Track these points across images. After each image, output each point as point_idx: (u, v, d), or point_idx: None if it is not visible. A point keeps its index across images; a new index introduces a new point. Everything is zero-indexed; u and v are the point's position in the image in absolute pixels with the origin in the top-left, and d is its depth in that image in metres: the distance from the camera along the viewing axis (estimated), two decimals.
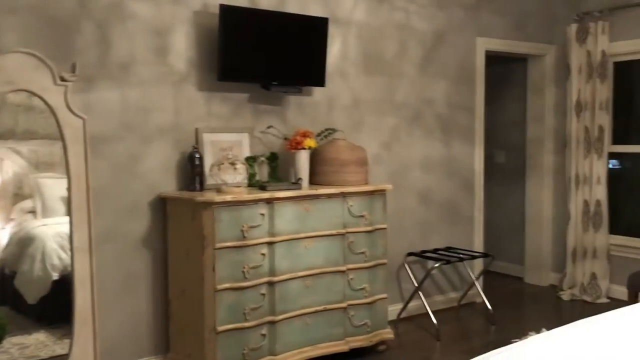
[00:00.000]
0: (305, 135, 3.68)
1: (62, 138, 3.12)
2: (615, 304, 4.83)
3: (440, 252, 4.58)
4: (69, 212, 3.14)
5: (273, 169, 3.78)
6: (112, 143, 3.31)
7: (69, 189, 3.13)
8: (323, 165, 3.76)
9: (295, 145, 3.65)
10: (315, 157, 3.78)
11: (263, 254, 3.32)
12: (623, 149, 5.07)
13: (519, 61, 5.65)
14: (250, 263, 3.27)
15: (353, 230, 3.65)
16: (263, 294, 3.33)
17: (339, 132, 3.93)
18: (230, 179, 3.43)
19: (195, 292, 3.23)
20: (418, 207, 4.60)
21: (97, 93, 3.26)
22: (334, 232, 3.56)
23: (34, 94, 3.05)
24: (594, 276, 5.02)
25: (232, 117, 3.71)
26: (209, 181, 3.53)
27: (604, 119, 4.93)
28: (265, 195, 3.31)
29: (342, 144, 3.80)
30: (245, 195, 3.25)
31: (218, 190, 3.37)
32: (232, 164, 3.41)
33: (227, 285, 3.19)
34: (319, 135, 3.86)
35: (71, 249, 3.15)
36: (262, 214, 3.31)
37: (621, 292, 4.94)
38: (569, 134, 5.17)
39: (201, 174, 3.46)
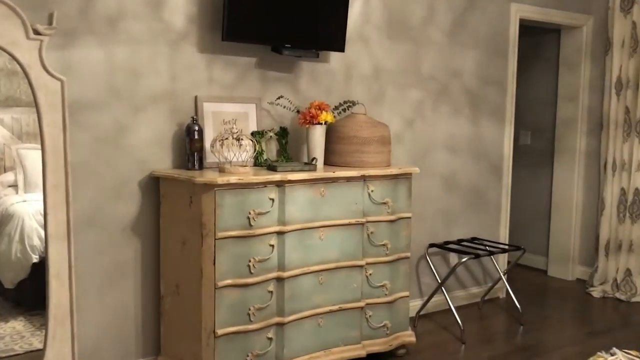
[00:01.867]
0: (321, 108, 3.18)
1: (35, 103, 2.61)
2: None
3: (464, 243, 4.11)
4: (43, 192, 2.65)
5: (283, 146, 3.28)
6: (96, 111, 2.80)
7: (43, 164, 2.64)
8: (340, 144, 3.26)
9: (309, 119, 3.15)
10: (331, 134, 3.29)
11: (272, 246, 2.85)
12: None
13: (550, 33, 5.13)
14: (256, 256, 2.79)
15: (374, 219, 3.17)
16: (271, 292, 2.86)
17: (358, 106, 3.43)
18: (234, 156, 2.94)
19: (192, 289, 2.76)
20: (441, 192, 4.12)
21: (79, 51, 2.74)
22: (352, 221, 3.09)
23: (2, 50, 2.53)
24: (628, 272, 4.57)
25: (237, 84, 3.20)
26: (210, 159, 3.03)
27: None
28: (276, 177, 2.82)
29: (363, 119, 3.31)
30: (253, 176, 2.76)
31: (220, 169, 2.88)
32: (238, 139, 2.92)
33: (229, 281, 2.72)
34: (336, 108, 3.35)
35: (45, 236, 2.66)
36: (272, 199, 2.83)
37: None
38: (606, 114, 4.68)
39: (201, 150, 2.97)
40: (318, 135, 3.17)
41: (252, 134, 3.17)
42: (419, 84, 3.93)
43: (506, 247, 3.99)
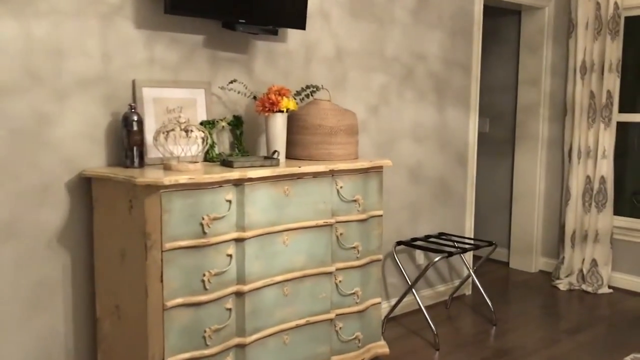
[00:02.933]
0: (281, 93, 2.77)
1: None
2: (619, 295, 4.27)
3: (432, 239, 3.82)
4: None
5: (237, 137, 2.86)
6: (11, 98, 2.29)
7: None
8: (304, 134, 2.87)
9: (269, 106, 2.74)
10: (292, 124, 2.89)
11: (229, 256, 2.43)
12: (633, 118, 4.43)
13: (510, 14, 4.90)
14: (212, 268, 2.37)
15: (343, 219, 2.81)
16: (229, 309, 2.45)
17: (322, 92, 3.04)
18: (182, 151, 2.49)
19: (135, 310, 2.31)
20: (407, 185, 3.80)
21: None
22: (320, 222, 2.71)
23: None
24: (594, 263, 4.42)
25: (182, 66, 2.74)
26: (152, 154, 2.58)
27: (614, 83, 4.27)
28: (234, 174, 2.40)
29: (328, 106, 2.92)
30: (206, 175, 2.33)
31: (166, 167, 2.43)
32: (186, 130, 2.47)
33: (180, 300, 2.29)
34: (297, 94, 2.95)
35: None
36: (229, 201, 2.41)
37: (624, 280, 4.38)
38: (570, 99, 4.49)
39: (141, 144, 2.50)
40: (279, 124, 2.77)
41: (202, 124, 2.73)
42: (384, 67, 3.57)
43: (478, 243, 3.72)
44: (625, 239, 4.38)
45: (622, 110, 4.38)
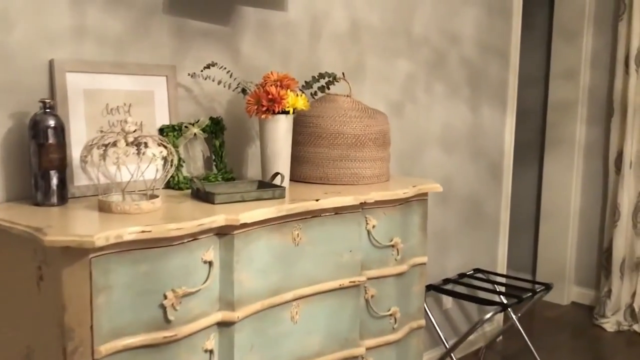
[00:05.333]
0: (285, 84, 1.81)
1: None
2: None
3: (467, 278, 2.93)
4: None
5: (216, 150, 1.90)
6: None
7: None
8: (316, 146, 1.93)
9: (267, 105, 1.78)
10: (299, 130, 1.95)
11: (209, 352, 1.48)
12: None
13: None
14: None
15: (376, 274, 1.88)
16: None
17: (341, 83, 2.10)
18: (131, 177, 1.53)
19: None
20: (434, 207, 2.89)
21: None
22: (345, 281, 1.78)
23: None
24: None
25: (131, 41, 1.77)
26: (81, 181, 1.61)
27: None
28: (218, 219, 1.44)
29: (349, 105, 1.99)
30: (171, 225, 1.36)
31: (102, 206, 1.45)
32: (137, 144, 1.50)
33: None
34: (306, 86, 2.01)
35: None
36: (209, 263, 1.45)
37: None
38: (618, 97, 3.66)
39: (62, 166, 1.52)
40: (282, 132, 1.82)
41: (162, 131, 1.76)
42: (410, 50, 2.65)
43: (531, 286, 2.83)
44: None
45: None
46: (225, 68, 1.90)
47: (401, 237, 1.93)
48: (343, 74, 2.04)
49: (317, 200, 1.67)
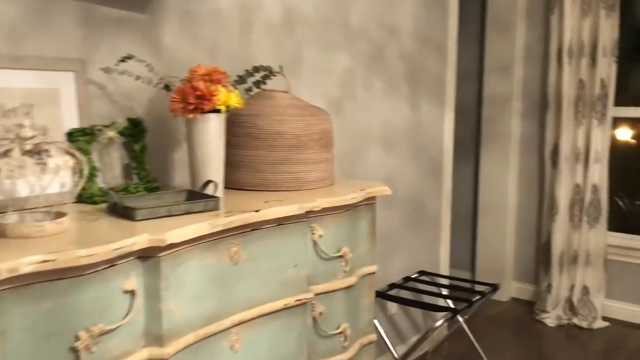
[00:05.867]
0: (215, 79, 1.59)
1: None
2: (617, 329, 3.49)
3: (412, 280, 2.80)
4: None
5: (137, 157, 1.65)
6: None
7: None
8: (253, 149, 1.71)
9: (195, 103, 1.55)
10: (233, 131, 1.73)
11: None
12: (634, 113, 3.66)
13: None
14: None
15: (324, 288, 1.69)
16: None
17: (278, 77, 1.89)
18: (30, 191, 1.27)
19: None
20: (377, 208, 2.74)
21: None
22: (290, 300, 1.58)
23: None
24: (585, 290, 3.63)
25: (29, 29, 1.49)
26: None
27: (609, 70, 3.47)
28: (140, 240, 1.20)
29: (288, 101, 1.79)
30: (80, 251, 1.11)
31: None
32: (37, 152, 1.24)
33: None
34: (240, 81, 1.78)
35: None
36: (130, 293, 1.21)
37: (620, 310, 3.62)
38: (552, 90, 3.64)
39: None
40: (213, 133, 1.59)
41: (71, 136, 1.50)
42: (348, 43, 2.48)
43: (478, 288, 2.72)
44: (621, 260, 3.62)
45: (620, 103, 3.59)
46: (144, 61, 1.65)
47: (350, 246, 1.75)
48: (281, 67, 1.84)
49: (257, 211, 1.46)
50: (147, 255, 1.24)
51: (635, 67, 3.88)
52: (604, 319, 3.60)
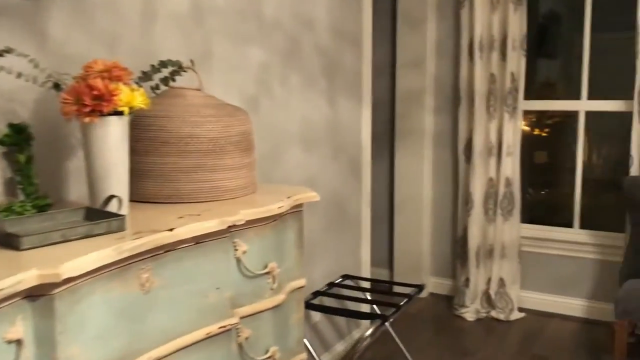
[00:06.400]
0: (115, 76, 1.36)
1: None
2: (533, 319, 3.57)
3: (336, 286, 2.67)
4: None
5: (22, 169, 1.38)
6: None
7: None
8: (163, 155, 1.50)
9: (92, 104, 1.31)
10: (138, 135, 1.50)
11: None
12: (543, 106, 3.72)
13: None
14: None
15: (250, 310, 1.51)
16: None
17: (189, 73, 1.67)
18: None
19: None
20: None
21: None
22: (213, 328, 1.38)
23: None
24: (502, 283, 3.66)
25: None
26: None
27: (518, 64, 3.50)
28: (25, 278, 0.97)
29: (202, 100, 1.59)
30: None
31: None
32: None
33: None
34: (145, 78, 1.55)
35: None
36: (15, 343, 0.98)
37: (534, 300, 3.70)
38: (464, 85, 3.64)
39: None
40: (114, 139, 1.36)
41: None
42: (262, 36, 2.30)
43: (405, 291, 2.63)
44: (534, 251, 3.69)
45: (528, 96, 3.63)
46: (27, 56, 1.39)
47: (277, 260, 1.58)
48: (192, 61, 1.62)
49: (171, 230, 1.25)
50: (37, 293, 1.00)
51: (542, 60, 3.97)
52: (520, 310, 3.65)
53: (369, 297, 2.58)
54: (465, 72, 3.62)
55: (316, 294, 2.54)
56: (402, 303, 2.41)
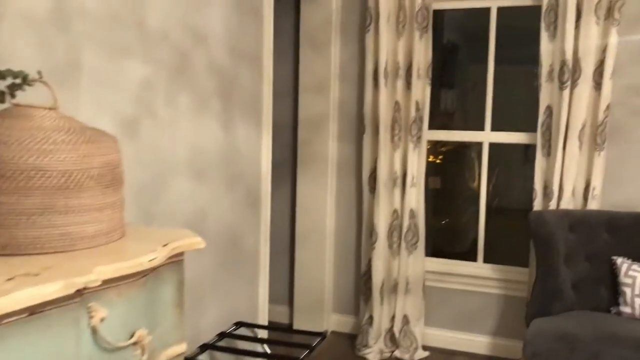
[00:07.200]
0: None
1: None
2: (438, 357, 3.41)
3: (228, 336, 2.34)
4: None
5: None
6: None
7: None
8: None
9: None
10: None
11: None
12: (447, 136, 3.62)
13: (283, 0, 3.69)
14: None
15: None
16: None
17: (36, 88, 1.32)
18: None
19: None
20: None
21: None
22: None
23: None
24: (406, 320, 3.48)
25: None
26: None
27: (423, 92, 3.38)
28: None
29: (53, 123, 1.25)
30: None
31: None
32: None
33: None
34: None
35: None
36: None
37: (439, 337, 3.55)
38: (369, 112, 3.47)
39: None
40: None
41: None
42: (145, 49, 1.97)
43: (306, 341, 2.35)
44: (438, 286, 3.55)
45: (432, 126, 3.52)
46: None
47: (148, 325, 1.26)
48: (40, 73, 1.28)
49: None
50: None
51: (445, 90, 3.91)
52: (425, 348, 3.49)
53: (266, 349, 2.29)
54: (370, 99, 3.45)
55: (204, 347, 2.21)
56: (302, 356, 2.13)
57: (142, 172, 1.98)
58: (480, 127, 3.46)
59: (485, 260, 3.51)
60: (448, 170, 4.60)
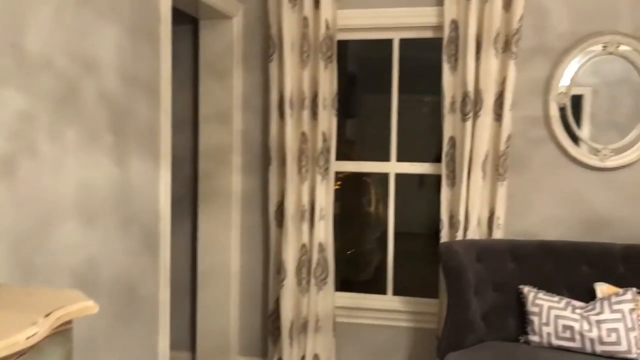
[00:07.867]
0: None
1: None
2: None
3: None
4: None
5: None
6: None
7: None
8: None
9: None
10: None
11: None
12: (354, 167, 3.55)
13: (182, 23, 3.50)
14: None
15: None
16: None
17: None
18: None
19: None
20: None
21: None
22: None
23: None
24: (317, 359, 3.34)
25: None
26: None
27: (329, 123, 3.30)
28: None
29: None
30: None
31: None
32: None
33: None
34: None
35: None
36: None
37: None
38: (274, 143, 3.33)
39: None
40: None
41: None
42: (23, 76, 1.72)
43: None
44: (348, 322, 3.44)
45: (339, 157, 3.43)
46: None
47: None
48: None
49: None
50: None
51: (349, 120, 3.86)
52: None
53: None
54: (275, 130, 3.32)
55: None
56: None
57: (20, 218, 1.71)
58: (386, 158, 3.43)
59: (395, 293, 3.45)
60: (345, 196, 4.55)
